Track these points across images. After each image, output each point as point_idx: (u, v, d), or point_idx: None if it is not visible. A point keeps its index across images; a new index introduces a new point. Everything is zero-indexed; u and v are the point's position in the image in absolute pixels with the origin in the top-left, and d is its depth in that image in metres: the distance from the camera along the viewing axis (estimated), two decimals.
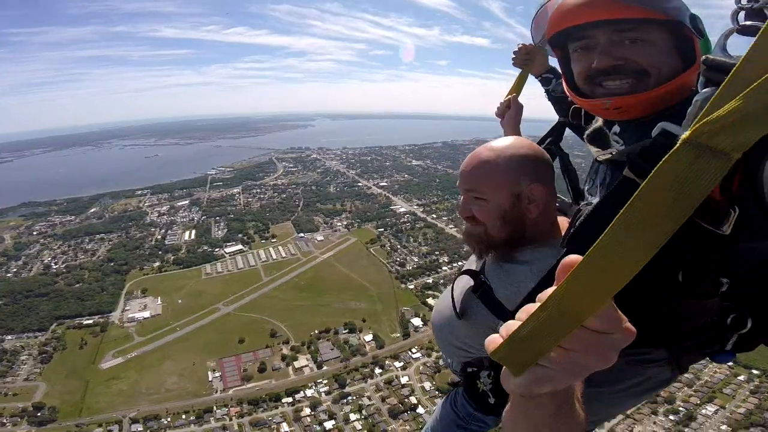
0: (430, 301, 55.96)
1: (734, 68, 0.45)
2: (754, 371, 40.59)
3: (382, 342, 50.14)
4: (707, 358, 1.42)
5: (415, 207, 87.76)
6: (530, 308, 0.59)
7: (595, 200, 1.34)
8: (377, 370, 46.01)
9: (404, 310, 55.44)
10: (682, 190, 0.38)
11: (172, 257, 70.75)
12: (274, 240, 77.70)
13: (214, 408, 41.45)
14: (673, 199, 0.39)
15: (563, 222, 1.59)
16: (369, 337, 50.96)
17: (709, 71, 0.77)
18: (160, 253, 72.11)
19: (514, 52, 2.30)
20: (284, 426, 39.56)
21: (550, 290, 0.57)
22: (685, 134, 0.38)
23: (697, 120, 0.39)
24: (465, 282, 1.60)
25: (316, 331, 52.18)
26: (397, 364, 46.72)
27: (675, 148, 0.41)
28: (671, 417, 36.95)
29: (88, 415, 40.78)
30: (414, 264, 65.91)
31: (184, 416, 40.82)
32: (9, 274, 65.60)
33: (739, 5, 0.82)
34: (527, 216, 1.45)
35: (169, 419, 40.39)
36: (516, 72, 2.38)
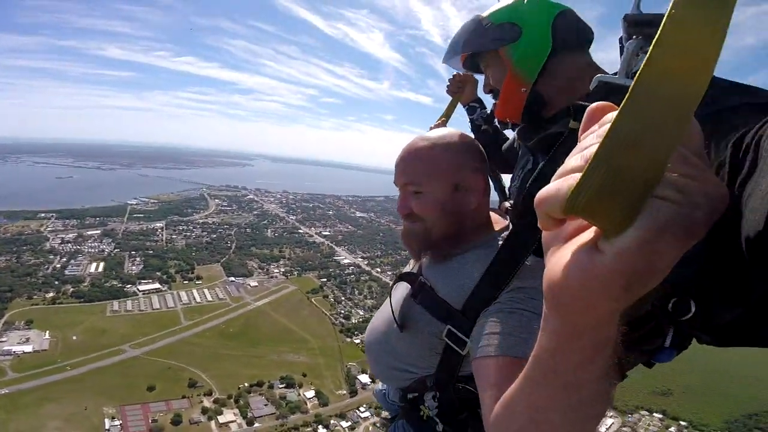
0: None
1: None
2: None
3: (326, 399, 43.88)
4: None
5: (360, 259, 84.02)
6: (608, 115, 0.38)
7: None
8: (321, 430, 39.48)
9: (350, 365, 49.73)
10: None
11: (72, 289, 58.86)
12: (200, 282, 68.17)
13: None
14: None
15: (495, 217, 1.49)
16: (310, 394, 44.43)
17: (631, 27, 0.84)
18: (56, 283, 59.77)
19: (449, 80, 2.36)
20: None
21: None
22: None
23: None
24: (403, 289, 1.44)
25: (246, 384, 44.76)
26: (344, 423, 40.74)
27: None
28: None
29: None
30: (360, 317, 60.89)
31: None
32: None
33: None
34: (467, 207, 1.35)
35: None
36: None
